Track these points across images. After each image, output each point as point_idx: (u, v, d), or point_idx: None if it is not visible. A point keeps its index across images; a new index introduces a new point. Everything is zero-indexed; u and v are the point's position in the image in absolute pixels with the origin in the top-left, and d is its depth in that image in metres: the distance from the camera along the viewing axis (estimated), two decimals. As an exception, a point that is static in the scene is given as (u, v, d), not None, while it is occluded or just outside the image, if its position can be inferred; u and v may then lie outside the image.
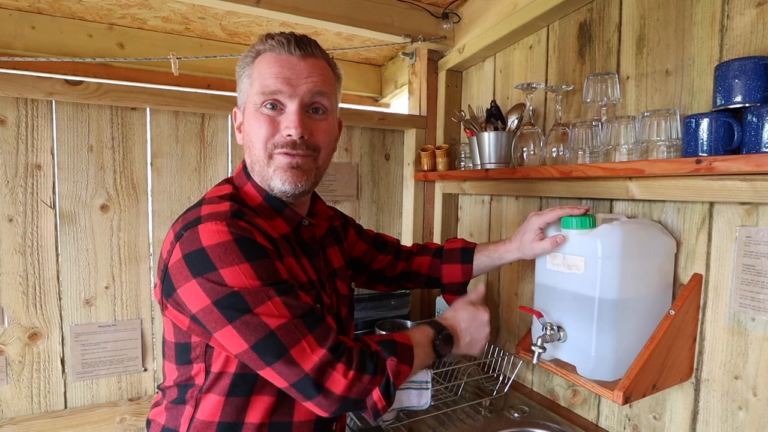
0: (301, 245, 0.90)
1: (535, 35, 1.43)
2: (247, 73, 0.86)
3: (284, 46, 0.83)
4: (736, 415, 0.91)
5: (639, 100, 1.10)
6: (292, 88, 0.82)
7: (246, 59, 0.87)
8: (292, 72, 0.82)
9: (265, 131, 0.82)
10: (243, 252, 0.73)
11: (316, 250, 0.93)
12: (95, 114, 1.38)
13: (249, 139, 0.86)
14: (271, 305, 0.73)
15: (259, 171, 0.85)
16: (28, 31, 1.69)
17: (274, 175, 0.83)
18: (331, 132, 0.89)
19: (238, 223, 0.76)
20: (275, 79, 0.82)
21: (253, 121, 0.84)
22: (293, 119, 0.82)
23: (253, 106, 0.84)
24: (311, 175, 0.86)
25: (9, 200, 1.30)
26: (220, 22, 1.79)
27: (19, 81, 1.25)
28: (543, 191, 1.30)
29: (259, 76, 0.83)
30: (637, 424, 1.11)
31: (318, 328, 0.75)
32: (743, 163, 0.77)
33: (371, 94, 2.41)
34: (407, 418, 1.22)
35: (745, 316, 0.89)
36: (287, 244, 0.85)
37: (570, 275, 0.96)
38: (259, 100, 0.83)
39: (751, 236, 0.87)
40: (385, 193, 1.87)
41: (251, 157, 0.86)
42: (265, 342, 0.72)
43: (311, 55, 0.85)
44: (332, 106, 0.89)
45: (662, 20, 1.06)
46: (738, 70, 0.82)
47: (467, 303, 1.01)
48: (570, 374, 0.98)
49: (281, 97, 0.82)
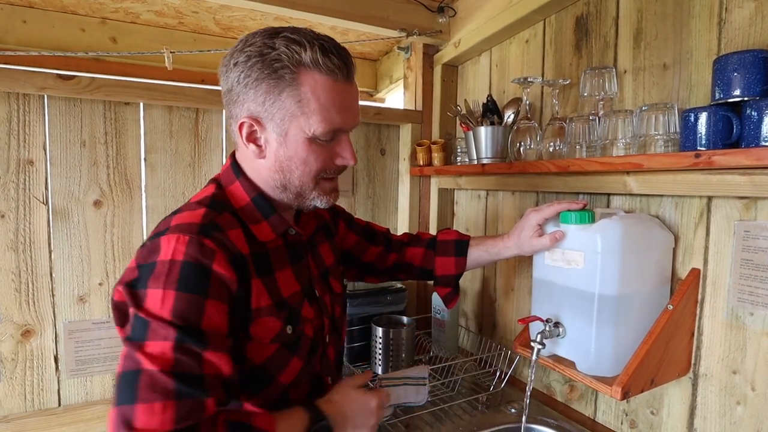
0: (288, 250, 0.86)
1: (532, 29, 1.42)
2: (290, 93, 0.75)
3: (342, 71, 0.76)
4: (734, 410, 0.91)
5: (636, 95, 1.10)
6: (351, 124, 0.81)
7: (282, 70, 0.74)
8: (351, 105, 0.80)
9: (322, 163, 0.80)
10: (181, 278, 0.67)
11: (303, 254, 0.90)
12: (88, 109, 1.36)
13: (293, 164, 0.79)
14: (160, 346, 0.63)
15: (298, 192, 0.82)
16: (20, 25, 1.66)
17: (318, 196, 0.83)
18: None
19: (203, 240, 0.70)
20: (341, 114, 0.78)
21: (307, 150, 0.78)
22: (349, 150, 0.82)
23: (305, 136, 0.77)
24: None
25: (1, 196, 1.28)
26: (213, 16, 1.77)
27: (10, 75, 1.23)
28: (540, 186, 1.30)
29: (321, 109, 0.76)
30: (635, 419, 1.11)
31: (184, 401, 0.62)
32: (742, 157, 0.76)
33: (366, 89, 2.39)
34: (404, 414, 1.22)
35: (743, 310, 0.89)
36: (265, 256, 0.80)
37: (569, 271, 0.96)
38: (320, 132, 0.77)
39: (750, 231, 0.87)
40: (380, 188, 1.86)
41: (289, 179, 0.81)
42: (126, 378, 0.62)
43: (353, 79, 0.81)
44: None
45: (660, 13, 1.05)
46: (737, 64, 0.81)
47: (356, 386, 0.88)
48: (568, 370, 0.98)
49: (340, 130, 0.81)
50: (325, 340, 0.92)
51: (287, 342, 0.81)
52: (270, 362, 0.79)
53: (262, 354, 0.78)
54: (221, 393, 0.67)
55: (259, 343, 0.77)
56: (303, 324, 0.84)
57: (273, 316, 0.77)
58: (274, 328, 0.78)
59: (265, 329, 0.77)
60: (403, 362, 1.42)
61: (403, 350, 1.42)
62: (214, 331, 0.67)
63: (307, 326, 0.85)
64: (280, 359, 0.80)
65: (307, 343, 0.86)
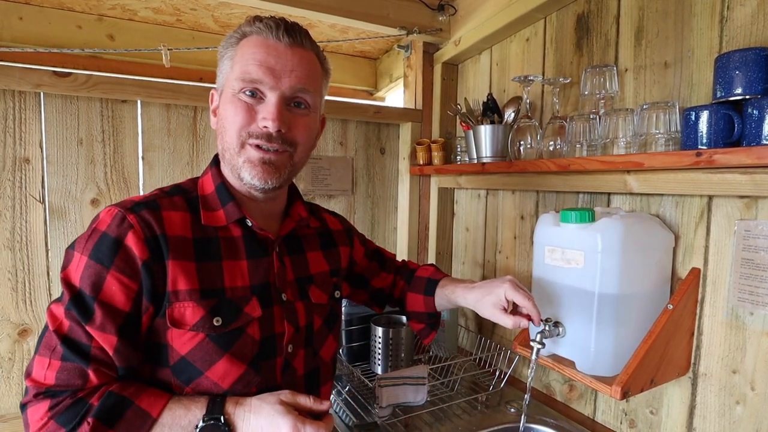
0: (247, 243, 0.83)
1: (532, 27, 1.41)
2: (229, 55, 0.81)
3: (272, 30, 0.77)
4: (733, 409, 0.91)
5: (637, 93, 1.09)
6: (274, 80, 0.77)
7: (230, 40, 0.81)
8: (277, 61, 0.77)
9: (240, 119, 0.77)
10: (95, 246, 0.72)
11: (267, 251, 0.85)
12: (85, 106, 1.35)
13: (222, 125, 0.81)
14: (59, 309, 0.70)
15: (230, 159, 0.81)
16: (16, 22, 1.65)
17: (244, 166, 0.79)
18: (311, 129, 0.85)
19: (127, 215, 0.73)
20: (258, 66, 0.76)
21: (229, 107, 0.79)
22: (272, 111, 0.77)
23: (230, 91, 0.79)
24: (284, 171, 0.81)
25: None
26: (212, 14, 1.76)
27: (5, 72, 1.21)
28: (540, 185, 1.29)
29: (242, 60, 0.78)
30: (634, 418, 1.10)
31: (66, 363, 0.68)
32: (744, 155, 0.76)
33: (366, 87, 2.38)
34: (403, 414, 1.21)
35: (743, 310, 0.89)
36: (209, 242, 0.79)
37: (569, 270, 0.95)
38: (237, 86, 0.78)
39: (750, 230, 0.87)
40: (380, 187, 1.85)
41: (222, 143, 0.81)
42: (41, 333, 0.72)
43: (300, 45, 0.80)
44: (315, 103, 0.84)
45: (661, 11, 1.04)
46: (739, 62, 0.81)
47: (281, 402, 0.74)
48: (568, 369, 0.97)
49: (262, 87, 0.78)
50: (285, 350, 0.83)
51: (215, 335, 0.75)
52: (195, 354, 0.75)
53: (186, 344, 0.75)
54: (107, 366, 0.70)
55: (180, 331, 0.74)
56: (242, 321, 0.78)
57: (193, 302, 0.74)
58: (194, 315, 0.74)
59: (182, 315, 0.74)
60: (402, 362, 1.41)
61: (402, 350, 1.41)
62: (108, 305, 0.70)
63: (252, 326, 0.79)
64: (206, 353, 0.75)
65: (251, 345, 0.79)
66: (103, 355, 0.70)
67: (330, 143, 1.74)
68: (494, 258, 1.57)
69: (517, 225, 1.46)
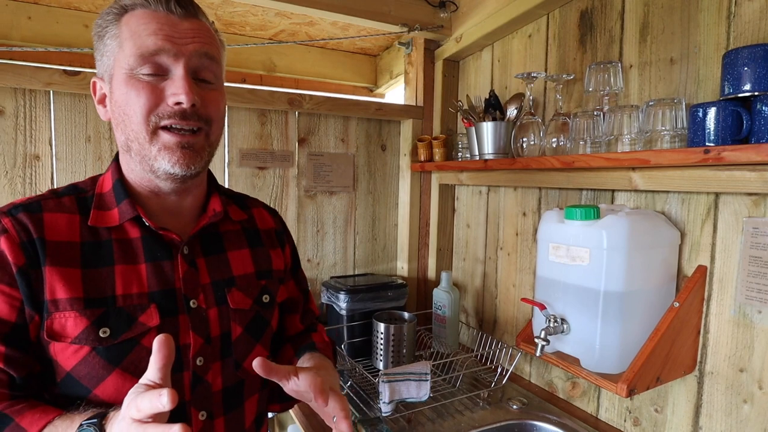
0: (146, 244, 0.74)
1: (535, 24, 1.40)
2: (112, 33, 0.69)
3: (161, 2, 0.69)
4: (740, 408, 0.91)
5: (642, 90, 1.09)
6: (176, 46, 0.68)
7: (107, 16, 0.70)
8: (173, 30, 0.69)
9: (145, 101, 0.67)
10: None
11: (170, 253, 0.75)
12: (92, 104, 1.34)
13: (122, 113, 0.70)
14: None
15: (138, 150, 0.70)
16: (25, 21, 1.67)
17: (159, 155, 0.69)
18: (223, 104, 0.77)
19: (2, 219, 0.68)
20: (155, 36, 0.67)
21: (129, 90, 0.68)
22: (181, 84, 0.68)
23: (125, 73, 0.68)
24: (204, 154, 0.73)
25: (8, 191, 1.29)
26: (215, 12, 1.74)
27: (17, 71, 1.23)
28: (543, 182, 1.29)
29: (133, 36, 0.67)
30: (638, 416, 1.10)
31: None
32: (753, 153, 0.75)
33: (366, 84, 2.37)
34: (406, 410, 1.21)
35: (751, 308, 0.88)
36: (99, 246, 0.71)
37: (574, 267, 0.95)
38: (134, 63, 0.67)
39: (759, 227, 0.86)
40: (381, 184, 1.84)
41: (126, 134, 0.71)
42: None
43: (194, 16, 0.71)
44: (221, 75, 0.76)
45: (667, 7, 1.03)
46: (747, 58, 0.80)
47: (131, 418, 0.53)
48: (573, 367, 0.97)
49: (164, 59, 0.68)
50: (193, 363, 0.73)
51: (102, 348, 0.67)
52: (80, 369, 0.67)
53: (70, 359, 0.67)
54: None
55: (62, 345, 0.67)
56: (136, 332, 0.69)
57: (75, 311, 0.66)
58: (76, 325, 0.66)
59: (63, 326, 0.66)
60: (404, 358, 1.41)
61: (404, 346, 1.41)
62: None
63: (148, 337, 0.69)
64: (92, 368, 0.67)
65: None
66: None
67: (332, 140, 1.73)
68: (495, 254, 1.56)
69: (519, 221, 1.45)
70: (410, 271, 1.85)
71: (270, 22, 1.87)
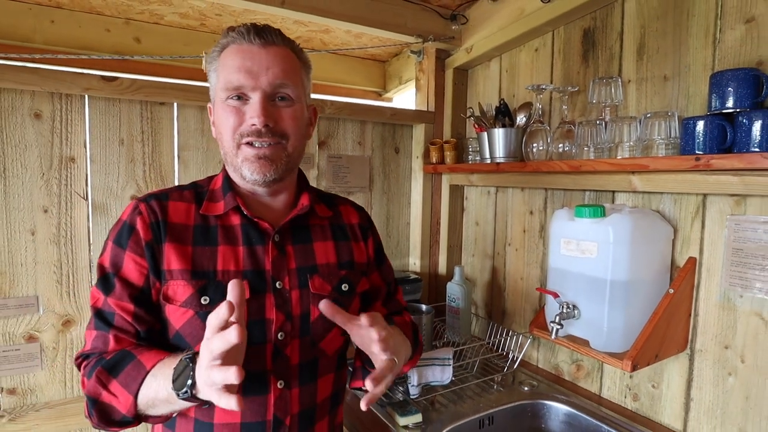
0: (244, 231, 0.88)
1: (541, 39, 1.53)
2: (213, 68, 0.88)
3: (244, 36, 0.83)
4: (726, 380, 1.05)
5: (639, 102, 1.22)
6: (253, 80, 0.82)
7: (212, 54, 0.88)
8: (253, 62, 0.83)
9: (231, 122, 0.84)
10: (117, 233, 0.84)
11: (263, 239, 0.88)
12: (126, 108, 1.44)
13: (219, 131, 0.87)
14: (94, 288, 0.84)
15: (230, 161, 0.87)
16: (48, 25, 1.72)
17: (243, 164, 0.85)
18: (299, 118, 0.88)
19: (139, 204, 0.85)
20: (237, 73, 0.82)
21: (221, 114, 0.85)
22: (256, 109, 0.82)
23: (219, 101, 0.86)
24: (281, 163, 0.86)
25: (44, 192, 1.34)
26: (236, 20, 1.84)
27: (56, 77, 1.29)
28: (549, 183, 1.42)
29: (224, 71, 0.84)
30: (637, 392, 1.24)
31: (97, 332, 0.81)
32: (736, 161, 0.89)
33: (375, 88, 2.49)
34: (427, 394, 1.33)
35: (734, 293, 1.03)
36: (208, 229, 0.87)
37: (583, 259, 1.08)
38: (224, 95, 0.84)
39: (740, 224, 1.00)
40: (395, 184, 1.97)
41: (223, 149, 0.89)
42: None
43: (272, 44, 0.85)
44: (298, 94, 0.88)
45: (661, 31, 1.17)
46: (731, 79, 0.94)
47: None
48: (582, 347, 1.10)
49: (244, 90, 0.83)
50: (275, 337, 0.84)
51: (203, 313, 0.80)
52: (186, 329, 0.82)
53: (178, 320, 0.83)
54: (126, 332, 0.81)
55: (173, 307, 0.82)
56: None
57: (184, 281, 0.82)
58: (184, 292, 0.82)
59: (174, 292, 0.82)
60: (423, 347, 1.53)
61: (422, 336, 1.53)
62: (125, 280, 0.82)
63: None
64: (194, 328, 0.82)
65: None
66: (123, 323, 0.81)
67: (349, 143, 1.85)
68: (504, 250, 1.70)
69: (527, 219, 1.59)
70: (422, 267, 1.97)
71: (287, 30, 1.98)
